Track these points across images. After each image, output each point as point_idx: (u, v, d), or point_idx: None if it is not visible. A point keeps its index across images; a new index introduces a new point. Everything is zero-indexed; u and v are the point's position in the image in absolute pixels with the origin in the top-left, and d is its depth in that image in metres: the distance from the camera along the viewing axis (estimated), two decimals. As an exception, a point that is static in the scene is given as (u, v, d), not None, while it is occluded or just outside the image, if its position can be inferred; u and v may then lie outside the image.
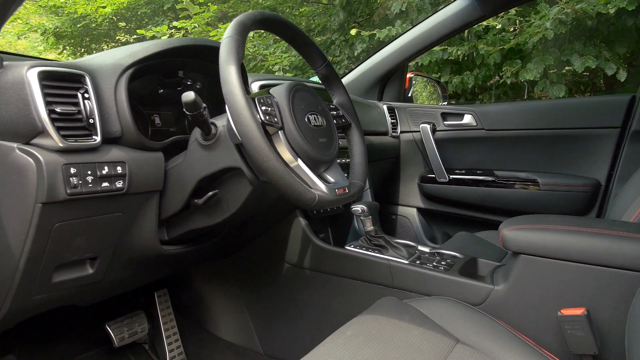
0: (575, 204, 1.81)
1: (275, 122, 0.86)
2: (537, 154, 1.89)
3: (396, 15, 3.84)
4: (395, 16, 3.84)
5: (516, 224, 1.10)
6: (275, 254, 1.37)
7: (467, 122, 2.00)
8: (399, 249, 1.26)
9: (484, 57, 3.49)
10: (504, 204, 1.93)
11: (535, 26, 3.06)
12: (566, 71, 3.35)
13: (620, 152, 1.75)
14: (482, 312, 1.05)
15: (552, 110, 1.87)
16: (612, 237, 1.01)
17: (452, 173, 2.00)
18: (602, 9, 2.80)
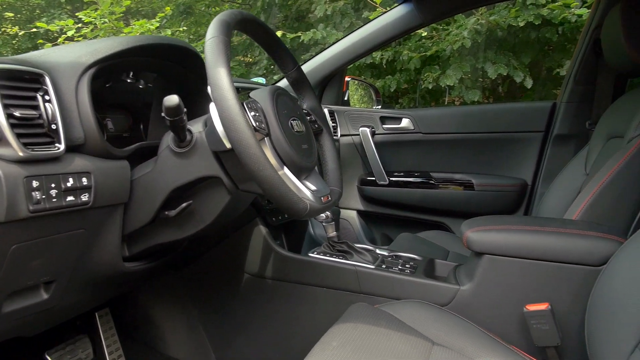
0: (506, 202, 1.94)
1: (262, 128, 0.82)
2: (471, 156, 1.99)
3: (319, 18, 3.87)
4: (318, 19, 3.87)
5: (478, 226, 1.15)
6: (234, 264, 1.31)
7: (405, 125, 2.05)
8: (364, 254, 1.26)
9: (403, 62, 3.64)
10: (442, 205, 2.01)
11: (453, 35, 3.24)
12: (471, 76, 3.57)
13: (544, 154, 1.90)
14: (450, 312, 1.08)
15: (483, 115, 1.98)
16: (567, 235, 1.08)
17: (391, 175, 2.05)
18: (513, 22, 3.04)
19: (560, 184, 1.64)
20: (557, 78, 3.66)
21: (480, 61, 3.29)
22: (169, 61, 1.01)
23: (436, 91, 3.88)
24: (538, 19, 2.98)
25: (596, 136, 1.57)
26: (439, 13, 1.82)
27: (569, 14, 2.97)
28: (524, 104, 2.54)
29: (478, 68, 3.36)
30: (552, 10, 2.97)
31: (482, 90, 3.80)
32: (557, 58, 3.49)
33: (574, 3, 2.97)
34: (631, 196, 1.23)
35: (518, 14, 3.04)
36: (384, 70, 3.90)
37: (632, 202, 1.23)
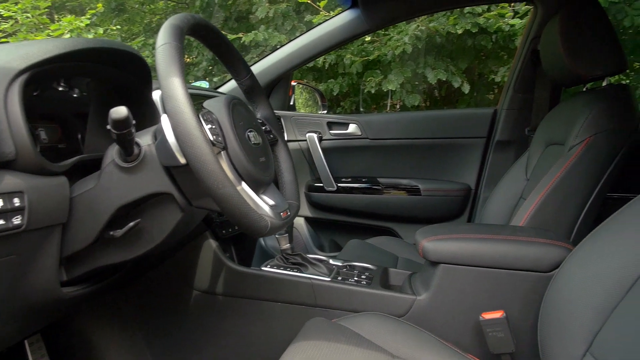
0: (452, 207, 1.98)
1: (219, 141, 0.76)
2: (417, 161, 2.02)
3: (260, 19, 3.81)
4: (259, 21, 3.81)
5: (433, 235, 1.15)
6: (182, 281, 1.24)
7: (352, 131, 2.05)
8: (318, 265, 1.23)
9: (346, 66, 3.65)
10: (389, 210, 2.02)
11: (394, 40, 3.30)
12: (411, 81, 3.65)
13: (486, 160, 1.96)
14: (407, 323, 1.07)
15: (429, 121, 2.02)
16: (518, 242, 1.11)
17: (338, 181, 2.03)
18: (452, 29, 3.13)
19: (503, 188, 1.69)
20: (491, 83, 3.82)
21: (421, 66, 3.37)
22: (110, 66, 0.93)
23: (378, 95, 3.93)
24: (475, 27, 3.09)
25: (535, 142, 1.63)
26: (385, 20, 1.83)
27: (503, 24, 3.10)
28: (467, 110, 2.62)
29: (418, 73, 3.44)
30: (488, 19, 3.10)
31: (421, 94, 3.90)
32: (491, 64, 3.64)
33: (508, 13, 3.10)
34: (573, 202, 1.28)
35: (456, 21, 3.14)
36: (326, 74, 3.91)
37: (574, 208, 1.28)
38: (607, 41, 1.34)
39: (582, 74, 1.36)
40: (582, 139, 1.27)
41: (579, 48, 1.34)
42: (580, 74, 1.36)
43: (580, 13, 1.37)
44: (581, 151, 1.27)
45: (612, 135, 1.26)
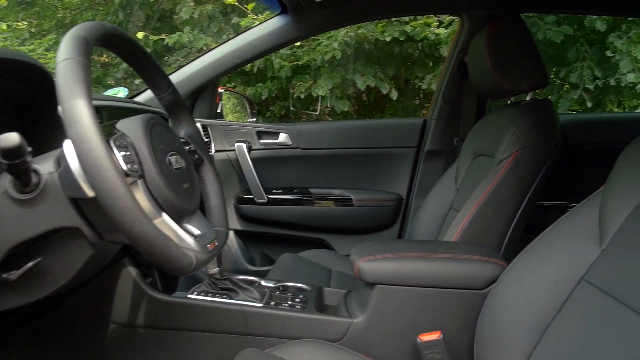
0: (384, 217, 1.97)
1: (135, 170, 0.67)
2: (350, 171, 2.00)
3: (185, 20, 3.64)
4: (183, 21, 3.64)
5: (369, 255, 1.11)
6: (97, 313, 1.11)
7: (282, 141, 1.99)
8: (250, 290, 1.15)
9: (275, 70, 3.58)
10: (322, 221, 1.98)
11: (324, 45, 3.27)
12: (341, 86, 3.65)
13: (417, 169, 1.97)
14: (344, 349, 1.02)
15: (360, 131, 2.00)
16: (453, 260, 1.10)
17: (269, 193, 1.96)
18: (380, 36, 3.16)
19: (433, 199, 1.70)
20: (417, 89, 3.91)
21: (350, 72, 3.37)
22: (2, 78, 0.80)
23: (307, 100, 3.90)
24: (402, 35, 3.14)
25: (464, 153, 1.65)
26: (315, 28, 1.79)
27: (429, 33, 3.17)
28: (397, 120, 2.64)
29: (348, 79, 3.44)
30: (415, 27, 3.15)
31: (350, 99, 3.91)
32: (418, 71, 3.72)
33: (434, 23, 3.18)
34: (503, 215, 1.30)
35: (384, 29, 3.17)
36: (255, 78, 3.81)
37: (504, 220, 1.30)
38: (531, 57, 1.38)
39: (508, 88, 1.39)
40: (510, 152, 1.30)
41: (505, 63, 1.36)
42: (506, 88, 1.39)
43: (506, 29, 1.39)
44: (509, 165, 1.29)
45: (538, 149, 1.29)
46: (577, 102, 3.33)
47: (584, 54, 3.17)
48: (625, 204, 0.86)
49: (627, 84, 3.18)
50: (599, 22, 3.00)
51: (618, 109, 3.74)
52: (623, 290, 0.79)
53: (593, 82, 3.18)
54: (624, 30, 3.06)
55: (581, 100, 3.28)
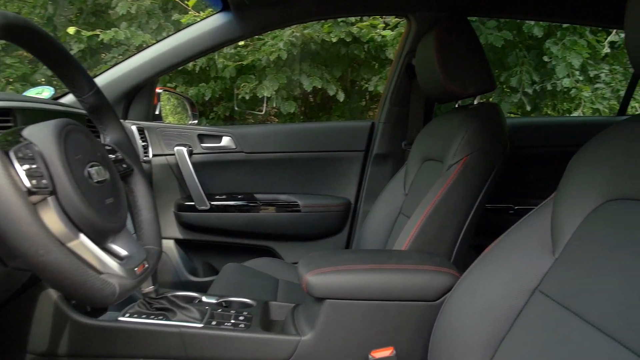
0: (332, 222, 1.92)
1: (43, 185, 0.57)
2: (296, 176, 1.93)
3: (122, 16, 3.45)
4: (120, 17, 3.45)
5: (317, 268, 1.05)
6: (11, 343, 0.98)
7: (225, 144, 1.89)
8: (189, 309, 1.05)
9: (218, 70, 3.46)
10: (267, 228, 1.90)
11: (269, 45, 3.19)
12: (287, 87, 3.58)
13: (365, 173, 1.93)
14: None
15: (307, 134, 1.94)
16: (404, 271, 1.06)
17: (212, 199, 1.86)
18: (326, 37, 3.12)
19: (382, 203, 1.67)
20: (364, 91, 3.90)
21: (296, 73, 3.31)
22: None
23: (252, 101, 3.80)
24: (349, 36, 3.11)
25: (412, 157, 1.63)
26: (259, 26, 1.71)
27: (376, 34, 3.16)
28: (345, 123, 2.60)
29: (294, 80, 3.38)
30: (361, 29, 3.14)
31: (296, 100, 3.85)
32: (364, 73, 3.71)
33: (380, 25, 3.18)
34: (453, 221, 1.28)
35: (331, 29, 3.14)
36: (197, 77, 3.67)
37: (455, 226, 1.28)
38: (478, 61, 1.37)
39: (457, 92, 1.37)
40: (460, 158, 1.27)
41: (454, 67, 1.34)
42: (454, 91, 1.37)
43: (454, 32, 1.38)
44: (459, 170, 1.26)
45: (487, 154, 1.28)
46: (517, 106, 3.43)
47: (523, 59, 3.27)
48: (576, 212, 0.84)
49: (562, 89, 3.31)
50: (536, 29, 3.10)
51: (553, 112, 3.89)
52: (576, 301, 0.77)
53: (532, 86, 3.29)
54: (559, 36, 3.18)
55: (520, 104, 3.38)
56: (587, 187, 0.84)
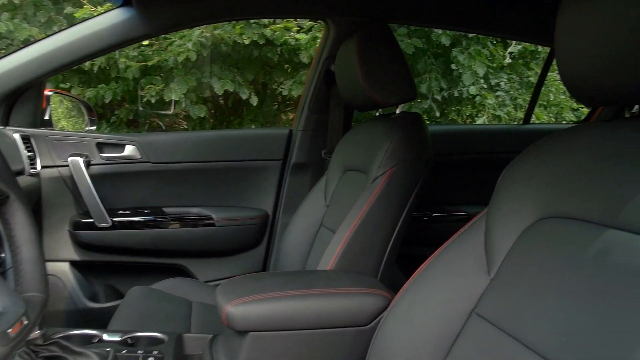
0: (249, 236, 1.81)
1: None
2: (210, 187, 1.80)
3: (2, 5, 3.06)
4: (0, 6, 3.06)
5: (238, 297, 0.94)
6: None
7: (129, 154, 1.71)
8: (86, 354, 0.90)
9: (120, 70, 3.20)
10: (179, 245, 1.75)
11: (177, 45, 2.99)
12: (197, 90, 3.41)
13: (283, 184, 1.84)
14: None
15: (221, 142, 1.81)
16: (332, 295, 0.99)
17: (114, 215, 1.67)
18: (238, 39, 2.99)
19: (302, 215, 1.60)
20: (276, 95, 3.82)
21: (207, 75, 3.15)
22: None
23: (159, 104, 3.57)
24: (262, 39, 3.01)
25: (333, 167, 1.57)
26: (165, 25, 1.55)
27: (289, 37, 3.09)
28: (261, 130, 2.50)
29: (204, 82, 3.21)
30: (275, 31, 3.05)
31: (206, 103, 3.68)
32: (277, 76, 3.63)
33: (295, 28, 3.11)
34: (380, 235, 1.23)
35: (243, 30, 3.01)
36: (95, 78, 3.36)
37: (382, 241, 1.23)
38: (401, 68, 1.34)
39: (379, 100, 1.33)
40: (384, 170, 1.23)
41: (377, 75, 1.30)
42: (377, 100, 1.33)
43: (376, 39, 1.33)
44: (384, 183, 1.22)
45: (412, 165, 1.25)
46: (426, 112, 3.54)
47: (432, 66, 3.37)
48: (510, 230, 0.82)
49: (468, 96, 3.47)
50: (443, 37, 3.21)
51: (457, 117, 4.08)
52: (515, 324, 0.74)
53: (440, 93, 3.40)
54: (464, 45, 3.32)
55: (430, 110, 3.49)
56: (520, 203, 0.82)
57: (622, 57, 0.64)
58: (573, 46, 0.72)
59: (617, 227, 0.65)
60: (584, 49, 0.70)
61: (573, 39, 0.72)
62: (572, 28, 0.72)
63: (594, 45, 0.68)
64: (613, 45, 0.65)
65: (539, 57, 3.86)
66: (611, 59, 0.66)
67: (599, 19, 0.66)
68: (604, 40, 0.66)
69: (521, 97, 3.75)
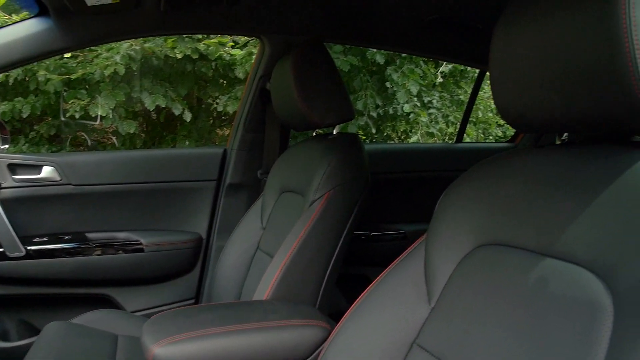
0: (181, 262, 1.72)
1: None
2: (138, 210, 1.69)
3: None
4: None
5: (167, 335, 0.87)
6: None
7: (46, 175, 1.57)
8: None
9: (39, 82, 2.98)
10: (104, 273, 1.62)
11: (103, 58, 2.83)
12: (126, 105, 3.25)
13: (218, 205, 1.77)
14: None
15: (151, 162, 1.71)
16: (269, 329, 0.94)
17: (29, 243, 1.52)
18: (170, 53, 2.88)
19: (238, 238, 1.54)
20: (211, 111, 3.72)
21: (137, 90, 3.00)
22: None
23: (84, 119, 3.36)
24: (195, 53, 2.92)
25: (269, 187, 1.53)
26: (88, 38, 1.44)
27: (224, 52, 3.02)
28: (196, 149, 2.40)
29: (134, 97, 3.05)
30: (209, 46, 2.96)
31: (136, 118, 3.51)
32: (211, 92, 3.54)
33: (230, 43, 3.04)
34: (318, 262, 1.19)
35: (175, 44, 2.90)
36: (11, 91, 3.11)
37: (320, 269, 1.20)
38: (338, 88, 1.32)
39: (316, 121, 1.30)
40: (322, 193, 1.20)
41: (314, 95, 1.28)
42: (314, 121, 1.30)
43: (312, 58, 1.31)
44: (322, 206, 1.19)
45: (350, 187, 1.23)
46: (362, 128, 3.58)
47: (367, 84, 3.42)
48: (449, 258, 0.81)
49: (402, 113, 3.54)
50: (378, 55, 3.26)
51: (392, 133, 4.16)
52: (455, 354, 0.73)
53: (376, 110, 3.45)
54: (398, 64, 3.39)
55: (366, 126, 3.53)
56: (458, 230, 0.81)
57: (553, 87, 0.65)
58: (506, 74, 0.73)
59: (554, 256, 0.65)
60: (516, 77, 0.71)
61: (506, 67, 0.72)
62: (505, 56, 0.72)
63: (526, 74, 0.69)
64: (544, 75, 0.66)
65: (467, 77, 4.03)
66: (543, 88, 0.66)
67: (530, 47, 0.67)
68: (536, 70, 0.67)
69: (452, 115, 3.88)
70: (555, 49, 0.63)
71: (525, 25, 0.68)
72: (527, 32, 0.68)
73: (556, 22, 0.64)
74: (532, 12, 0.68)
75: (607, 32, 0.57)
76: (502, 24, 0.73)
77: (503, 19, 0.72)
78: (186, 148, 3.22)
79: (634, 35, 0.55)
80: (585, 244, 0.61)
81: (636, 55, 0.55)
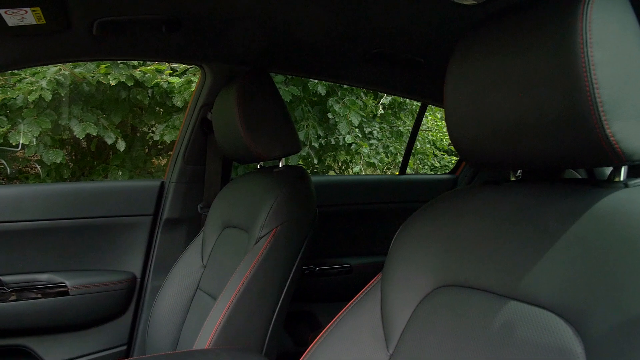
0: (113, 305, 1.57)
1: None
2: (63, 249, 1.54)
3: None
4: None
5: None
6: None
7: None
8: None
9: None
10: (22, 322, 1.45)
11: (27, 83, 2.63)
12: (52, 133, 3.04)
13: (154, 242, 1.65)
14: None
15: (80, 196, 1.57)
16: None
17: None
18: (103, 79, 2.73)
19: (176, 278, 1.43)
20: (147, 139, 3.57)
21: (65, 117, 2.81)
22: None
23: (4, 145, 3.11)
24: (130, 80, 2.78)
25: (210, 223, 1.44)
26: (7, 62, 1.31)
27: (161, 80, 2.91)
28: (130, 182, 2.25)
29: (62, 124, 2.86)
30: (145, 73, 2.84)
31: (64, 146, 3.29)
32: (147, 120, 3.40)
33: (167, 71, 2.94)
34: (265, 305, 1.12)
35: (108, 70, 2.76)
36: None
37: (267, 311, 1.12)
38: (284, 120, 1.28)
39: (261, 154, 1.25)
40: (269, 229, 1.14)
41: (259, 128, 1.23)
42: (259, 154, 1.24)
43: (256, 88, 1.26)
44: (269, 243, 1.13)
45: (298, 223, 1.18)
46: (304, 158, 3.55)
47: (309, 114, 3.41)
48: (407, 299, 0.77)
49: (344, 143, 3.55)
50: (320, 86, 3.27)
51: (333, 163, 4.17)
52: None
53: (318, 140, 3.44)
54: (339, 95, 3.42)
55: (307, 156, 3.51)
56: (416, 270, 0.77)
57: (506, 124, 0.64)
58: (460, 110, 0.71)
59: (518, 299, 0.62)
60: (470, 113, 0.69)
61: (459, 103, 0.71)
62: (458, 93, 0.71)
63: (479, 110, 0.67)
64: (498, 112, 0.64)
65: (406, 109, 4.13)
66: (496, 124, 0.65)
67: (483, 85, 0.66)
68: (490, 107, 0.65)
69: (392, 145, 3.95)
70: (509, 87, 0.62)
71: (478, 60, 0.67)
72: (479, 69, 0.67)
73: (510, 59, 0.63)
74: (484, 49, 0.67)
75: (564, 71, 0.56)
76: (456, 60, 0.71)
77: (456, 54, 0.71)
78: (120, 180, 3.04)
79: (593, 76, 0.54)
80: (550, 286, 0.58)
81: (596, 95, 0.54)
